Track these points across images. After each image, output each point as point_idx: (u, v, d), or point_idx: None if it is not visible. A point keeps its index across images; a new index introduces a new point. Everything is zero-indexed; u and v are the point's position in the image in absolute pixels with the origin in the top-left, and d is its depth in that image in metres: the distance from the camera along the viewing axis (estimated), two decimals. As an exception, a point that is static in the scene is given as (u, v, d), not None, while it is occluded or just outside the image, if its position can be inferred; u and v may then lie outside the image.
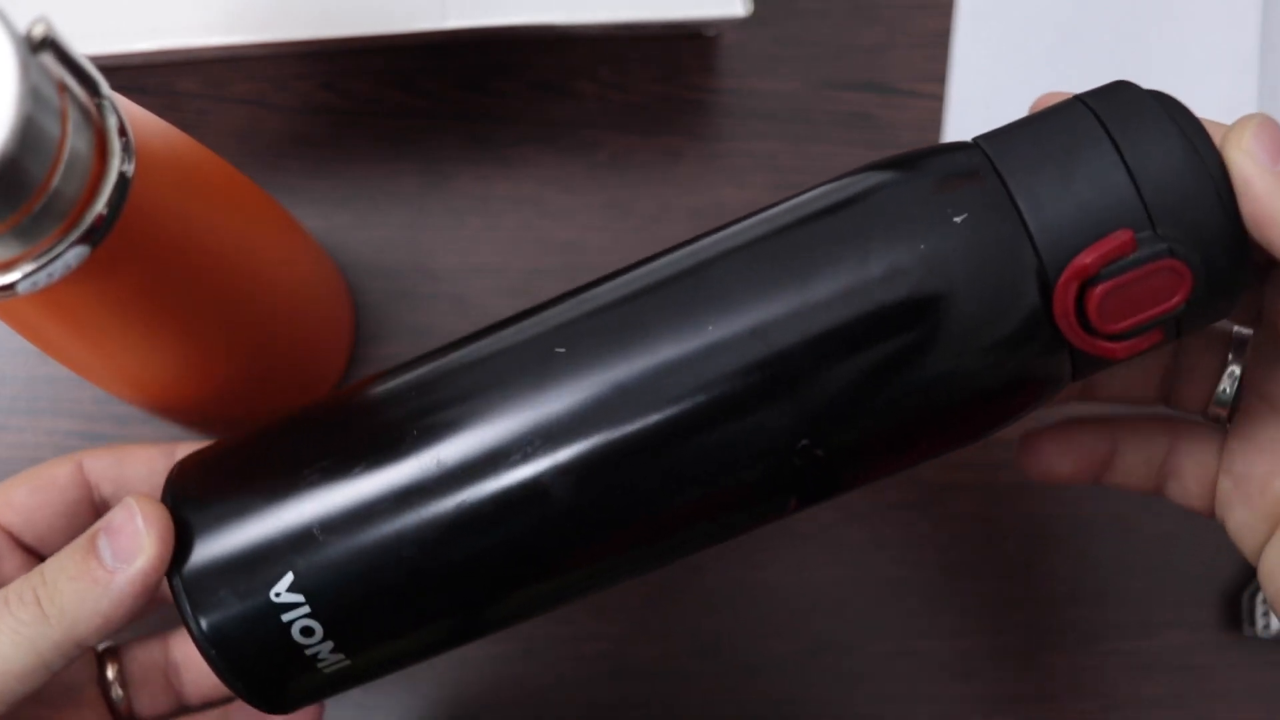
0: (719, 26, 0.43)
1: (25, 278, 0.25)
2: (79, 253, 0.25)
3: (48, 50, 0.23)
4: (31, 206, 0.23)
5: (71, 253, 0.25)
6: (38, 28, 0.23)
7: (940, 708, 0.42)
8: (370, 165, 0.42)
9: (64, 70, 0.24)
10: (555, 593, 0.27)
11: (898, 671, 0.42)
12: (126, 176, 0.25)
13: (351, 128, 0.42)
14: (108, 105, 0.25)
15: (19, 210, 0.23)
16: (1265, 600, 0.40)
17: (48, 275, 0.25)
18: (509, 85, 0.43)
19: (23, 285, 0.25)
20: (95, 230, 0.25)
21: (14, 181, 0.23)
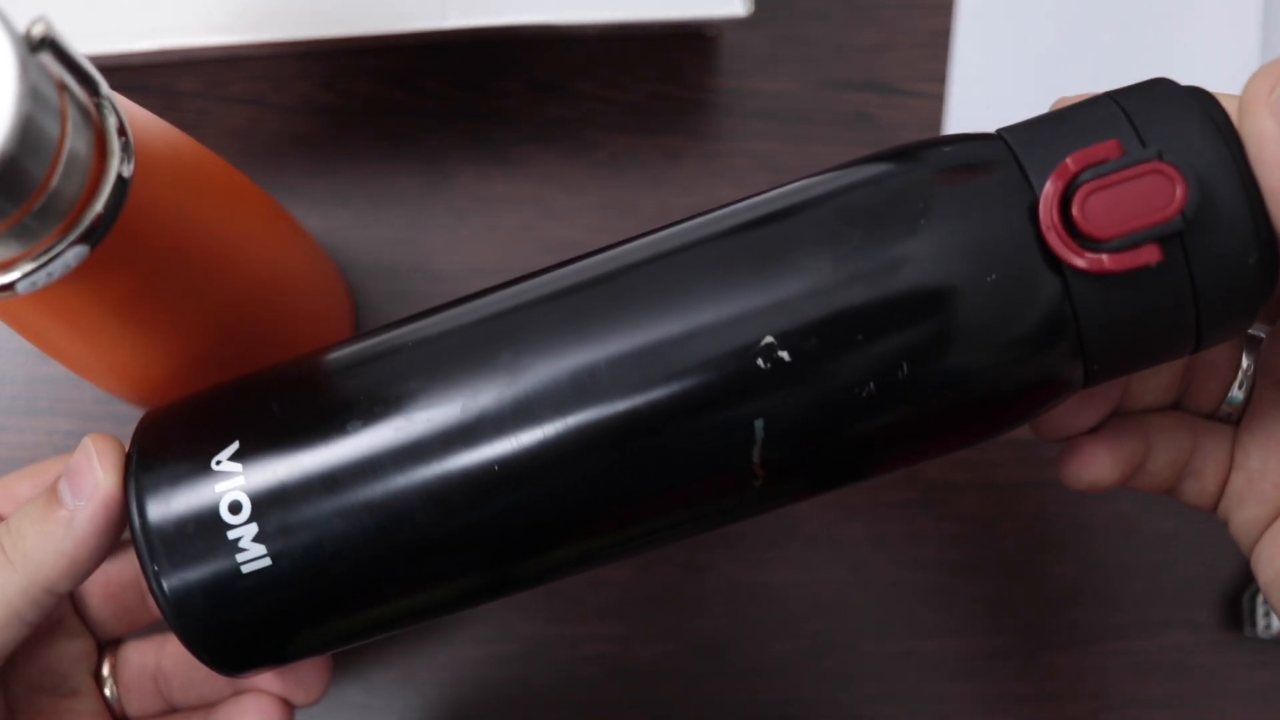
0: (719, 26, 0.43)
1: (24, 277, 0.25)
2: (78, 252, 0.25)
3: (47, 50, 0.23)
4: (31, 206, 0.23)
5: (71, 252, 0.25)
6: (37, 27, 0.23)
7: (940, 708, 0.42)
8: (370, 165, 0.42)
9: (63, 70, 0.24)
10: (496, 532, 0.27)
11: (898, 671, 0.42)
12: (126, 176, 0.25)
13: (351, 128, 0.42)
14: (107, 105, 0.25)
15: (18, 210, 0.23)
16: (1262, 592, 0.40)
17: (47, 275, 0.25)
18: (509, 85, 0.43)
19: (22, 285, 0.25)
20: (94, 230, 0.25)
21: (13, 181, 0.23)
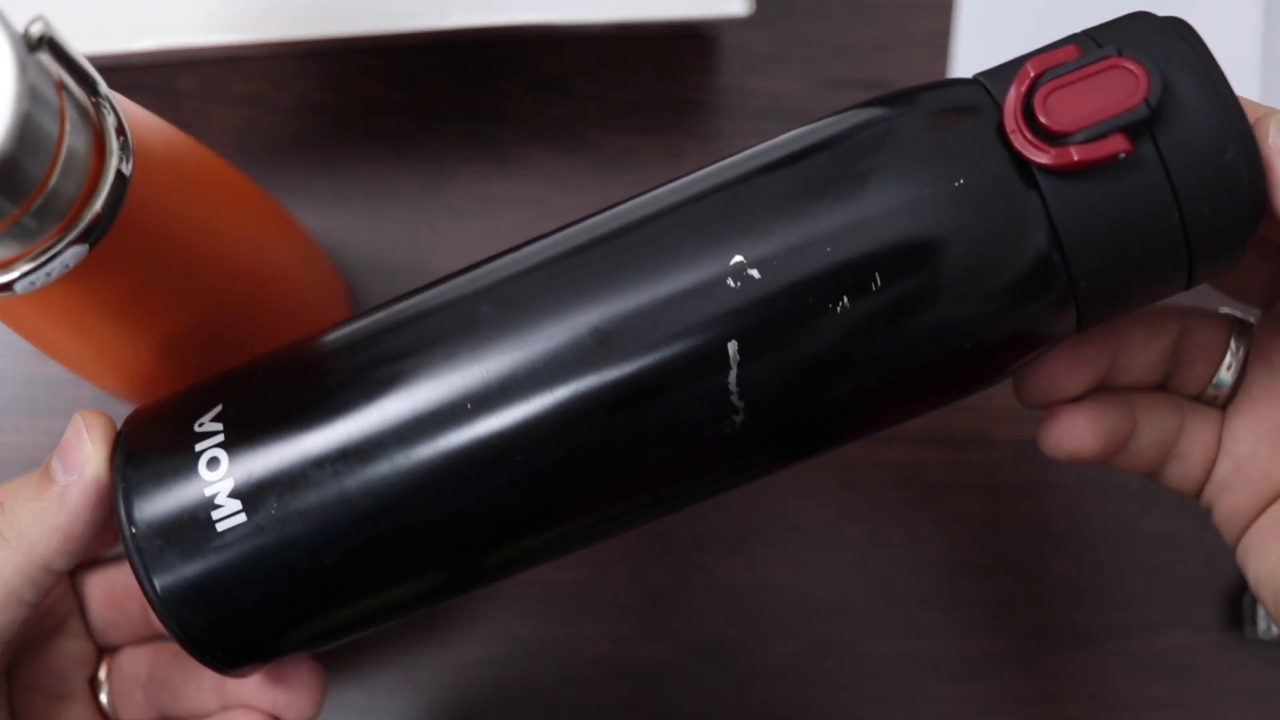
0: (719, 26, 0.43)
1: (23, 277, 0.25)
2: (77, 252, 0.25)
3: (46, 49, 0.23)
4: (29, 205, 0.23)
5: (69, 252, 0.25)
6: (36, 26, 0.23)
7: (941, 708, 0.42)
8: (370, 165, 0.42)
9: (62, 69, 0.24)
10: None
11: (898, 672, 0.42)
12: (124, 175, 0.25)
13: (351, 128, 0.42)
14: (106, 104, 0.25)
15: (17, 209, 0.23)
16: (1250, 588, 0.40)
17: (46, 275, 0.25)
18: (509, 85, 0.43)
19: (21, 285, 0.25)
20: (93, 229, 0.25)
21: (12, 180, 0.23)
